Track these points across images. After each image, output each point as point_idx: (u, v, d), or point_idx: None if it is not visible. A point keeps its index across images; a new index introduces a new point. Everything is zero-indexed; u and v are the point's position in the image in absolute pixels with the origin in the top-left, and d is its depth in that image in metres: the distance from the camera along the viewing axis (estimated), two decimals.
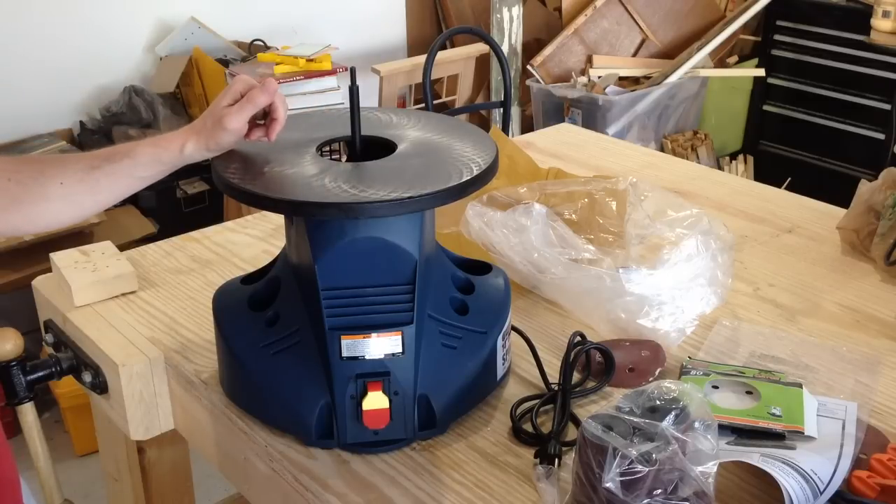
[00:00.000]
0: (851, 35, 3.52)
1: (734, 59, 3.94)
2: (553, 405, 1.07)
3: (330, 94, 2.96)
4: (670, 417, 0.84)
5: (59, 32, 2.98)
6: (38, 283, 1.39)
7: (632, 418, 0.85)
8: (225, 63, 3.04)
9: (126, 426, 1.21)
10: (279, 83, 2.82)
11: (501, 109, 2.49)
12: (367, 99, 1.25)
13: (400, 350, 0.99)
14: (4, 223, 1.05)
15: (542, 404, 1.08)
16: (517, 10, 3.53)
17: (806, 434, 0.96)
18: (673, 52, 3.68)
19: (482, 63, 3.50)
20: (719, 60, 3.86)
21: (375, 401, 0.99)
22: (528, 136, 2.13)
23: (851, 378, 1.13)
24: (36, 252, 2.49)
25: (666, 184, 1.69)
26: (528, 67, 3.58)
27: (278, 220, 1.53)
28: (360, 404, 0.99)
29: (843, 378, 1.12)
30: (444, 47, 2.88)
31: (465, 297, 1.09)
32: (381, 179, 0.99)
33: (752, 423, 0.98)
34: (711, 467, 0.84)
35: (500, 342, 1.08)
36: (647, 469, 0.80)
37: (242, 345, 1.05)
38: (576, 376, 1.12)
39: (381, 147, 1.08)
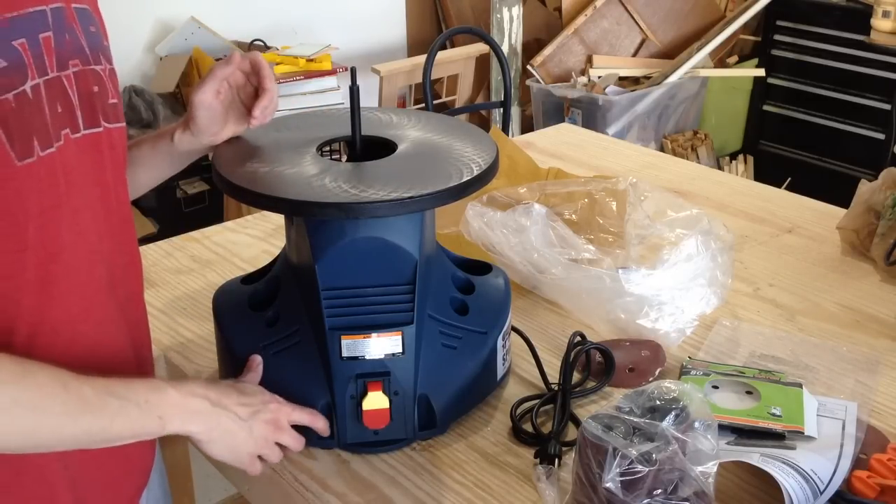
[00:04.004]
0: (851, 35, 3.52)
1: (734, 59, 3.94)
2: (553, 405, 1.07)
3: (330, 94, 2.96)
4: (670, 417, 0.84)
5: None
6: None
7: (632, 418, 0.85)
8: None
9: None
10: (279, 82, 2.83)
11: (501, 109, 2.49)
12: (367, 99, 1.25)
13: (400, 350, 0.99)
14: None
15: (542, 404, 1.08)
16: (517, 10, 3.53)
17: (806, 434, 0.96)
18: (673, 52, 3.68)
19: (482, 63, 3.50)
20: (719, 60, 3.85)
21: (375, 401, 0.99)
22: (528, 136, 2.13)
23: (851, 378, 1.13)
24: None
25: (666, 184, 1.69)
26: (528, 67, 3.57)
27: (278, 220, 1.53)
28: (360, 404, 0.99)
29: (843, 378, 1.12)
30: (444, 47, 2.88)
31: (465, 297, 1.09)
32: (381, 179, 0.99)
33: (752, 423, 0.98)
34: (711, 467, 0.84)
35: (500, 342, 1.08)
36: (647, 469, 0.80)
37: (242, 345, 1.05)
38: (576, 376, 1.12)
39: (381, 147, 1.08)
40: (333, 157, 1.10)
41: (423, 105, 2.36)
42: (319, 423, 0.99)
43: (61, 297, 0.83)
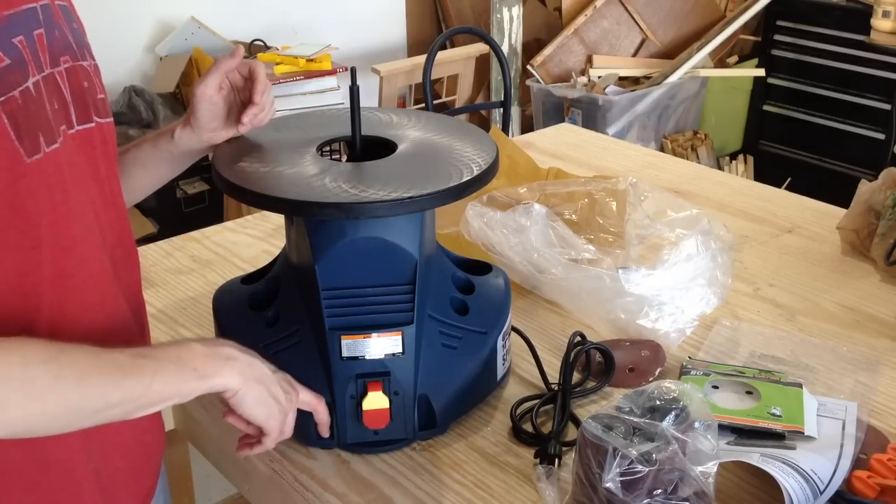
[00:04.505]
0: (851, 35, 3.52)
1: (734, 59, 3.94)
2: (553, 405, 1.07)
3: (330, 94, 2.96)
4: (670, 417, 0.84)
5: None
6: None
7: (632, 418, 0.85)
8: None
9: None
10: (279, 83, 2.84)
11: (501, 109, 2.49)
12: (367, 99, 1.25)
13: (400, 350, 0.99)
14: None
15: (542, 404, 1.08)
16: (517, 10, 3.53)
17: (806, 434, 0.96)
18: (673, 52, 3.68)
19: (482, 63, 3.50)
20: (719, 60, 3.85)
21: (375, 401, 0.99)
22: (528, 136, 2.14)
23: (851, 378, 1.13)
24: None
25: (666, 184, 1.69)
26: (528, 67, 3.57)
27: (278, 220, 1.53)
28: (360, 404, 0.99)
29: (843, 378, 1.12)
30: (444, 47, 2.88)
31: (465, 297, 1.09)
32: (381, 179, 0.99)
33: (752, 423, 0.98)
34: (711, 467, 0.84)
35: (500, 342, 1.08)
36: (647, 469, 0.81)
37: (242, 345, 1.05)
38: (576, 376, 1.12)
39: (381, 147, 1.08)
40: (333, 157, 1.10)
41: (423, 105, 2.36)
42: (321, 410, 0.97)
43: (77, 289, 0.84)
